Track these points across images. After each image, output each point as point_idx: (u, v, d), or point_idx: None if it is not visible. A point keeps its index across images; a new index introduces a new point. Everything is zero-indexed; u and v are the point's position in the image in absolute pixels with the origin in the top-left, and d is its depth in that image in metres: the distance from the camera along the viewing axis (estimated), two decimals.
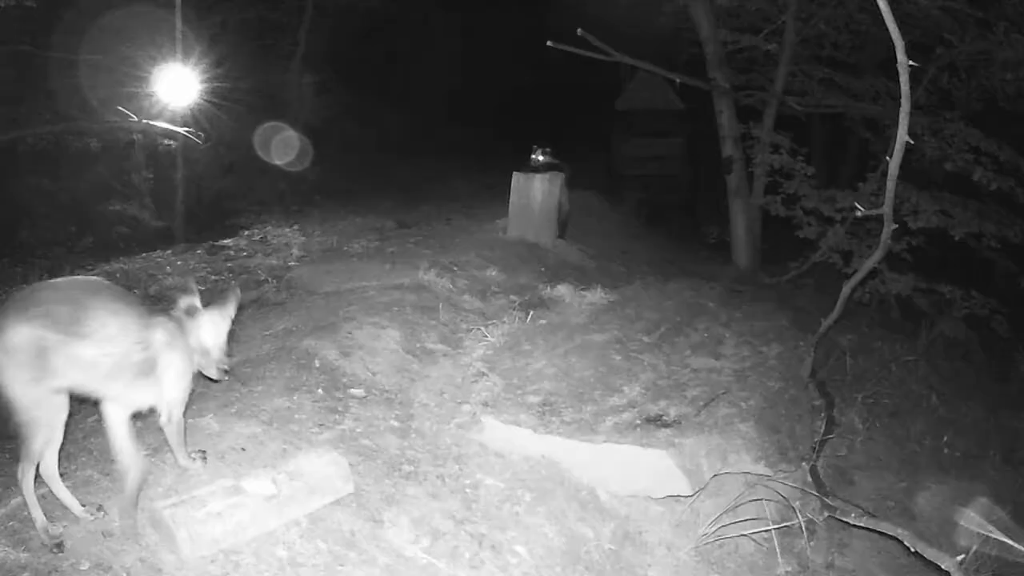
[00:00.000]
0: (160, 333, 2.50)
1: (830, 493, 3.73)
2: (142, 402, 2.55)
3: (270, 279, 5.63)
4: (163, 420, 2.62)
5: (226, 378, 2.88)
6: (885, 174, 4.36)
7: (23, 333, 2.22)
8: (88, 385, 2.39)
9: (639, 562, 3.17)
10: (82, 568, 2.29)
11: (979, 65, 8.01)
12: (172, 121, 8.08)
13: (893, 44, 3.74)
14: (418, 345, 4.29)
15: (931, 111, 7.75)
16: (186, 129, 8.06)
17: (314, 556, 2.54)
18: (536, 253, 6.75)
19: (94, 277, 2.66)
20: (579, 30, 6.76)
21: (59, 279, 2.51)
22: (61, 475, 2.72)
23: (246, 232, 8.07)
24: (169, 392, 2.56)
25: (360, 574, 2.54)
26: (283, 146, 10.71)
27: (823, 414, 4.49)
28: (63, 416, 2.39)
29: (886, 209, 4.46)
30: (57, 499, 2.52)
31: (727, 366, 4.09)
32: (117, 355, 2.36)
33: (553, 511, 3.17)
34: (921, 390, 5.88)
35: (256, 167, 10.49)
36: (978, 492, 4.47)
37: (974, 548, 3.62)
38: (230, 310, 2.76)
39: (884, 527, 3.38)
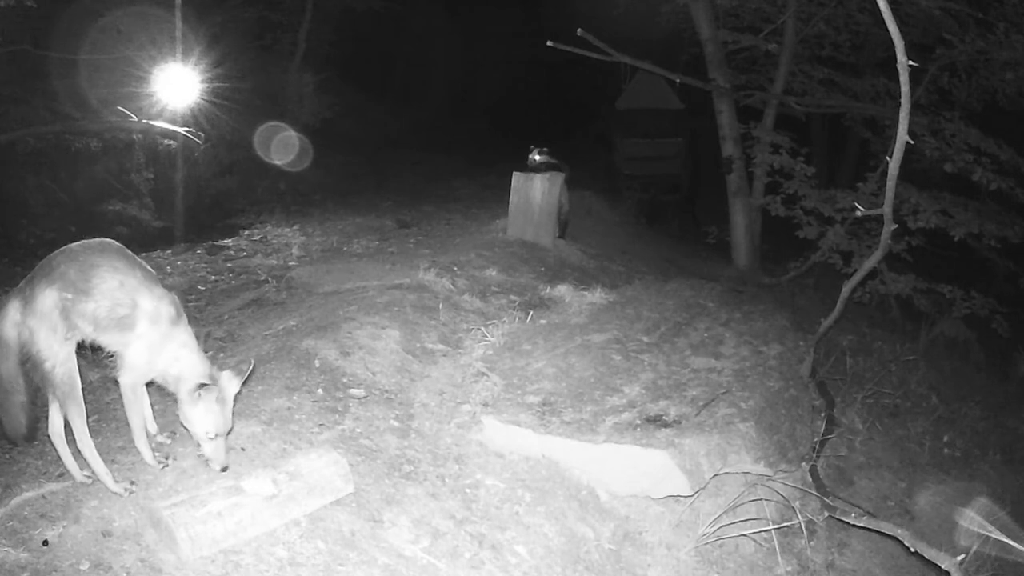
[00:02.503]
0: (148, 302, 2.66)
1: (830, 493, 3.73)
2: (119, 354, 2.71)
3: (270, 279, 5.64)
4: (117, 370, 2.72)
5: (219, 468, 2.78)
6: (885, 174, 4.36)
7: (51, 297, 2.53)
8: (90, 335, 2.63)
9: (639, 562, 3.18)
10: (82, 568, 2.29)
11: (979, 65, 8.01)
12: (172, 121, 8.09)
13: (893, 44, 3.75)
14: (418, 345, 4.29)
15: (931, 111, 7.75)
16: (186, 129, 8.06)
17: (314, 556, 2.54)
18: (536, 253, 6.75)
19: (107, 239, 2.78)
20: (579, 30, 6.75)
21: (74, 244, 2.70)
22: (60, 474, 2.74)
23: (246, 232, 8.07)
24: (132, 356, 2.68)
25: (360, 574, 2.54)
26: (283, 146, 10.71)
27: (823, 414, 4.49)
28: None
29: (886, 209, 4.46)
30: (59, 457, 2.70)
31: (727, 366, 4.08)
32: (107, 306, 2.60)
33: (553, 511, 3.17)
34: (921, 390, 5.89)
35: (256, 167, 10.49)
36: (978, 492, 4.47)
37: (974, 548, 3.63)
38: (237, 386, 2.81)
39: (884, 527, 3.38)
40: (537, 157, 7.54)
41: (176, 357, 2.68)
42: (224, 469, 2.70)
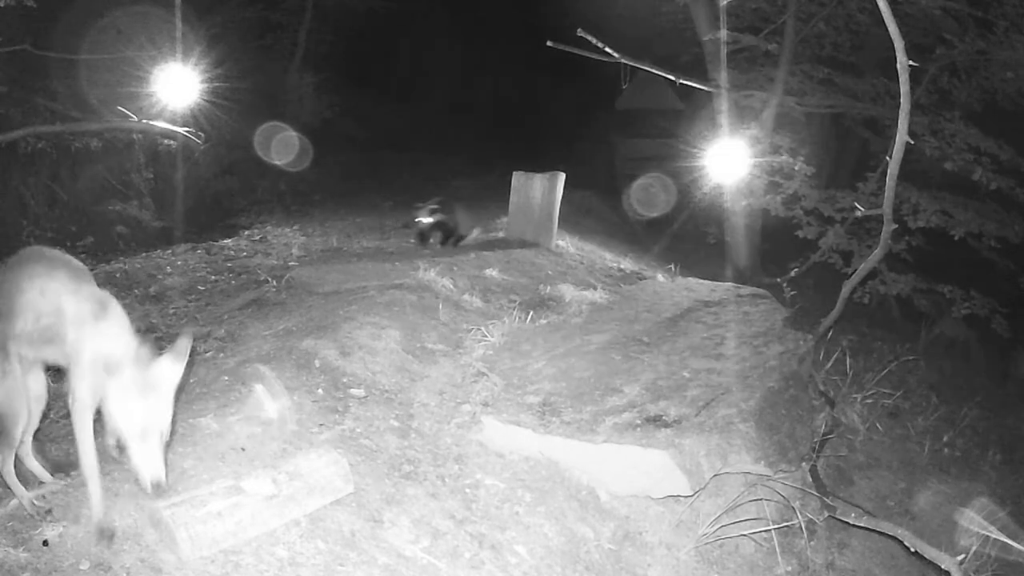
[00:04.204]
0: (72, 305, 2.39)
1: (830, 493, 3.73)
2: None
3: (270, 279, 5.63)
4: (69, 398, 2.44)
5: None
6: (885, 174, 4.36)
7: None
8: (31, 355, 2.49)
9: (639, 562, 3.18)
10: (82, 568, 2.29)
11: (979, 65, 8.00)
12: (172, 121, 8.08)
13: (893, 44, 3.75)
14: (418, 345, 4.29)
15: (931, 111, 7.75)
16: (186, 129, 8.05)
17: (314, 556, 2.54)
18: (536, 253, 6.76)
19: (33, 247, 2.65)
20: (579, 30, 6.75)
21: (10, 258, 2.57)
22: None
23: (246, 232, 8.07)
24: (72, 377, 2.41)
25: (360, 574, 2.54)
26: (283, 146, 10.71)
27: (823, 414, 4.49)
28: (41, 400, 2.59)
29: (886, 209, 4.47)
30: (28, 470, 2.67)
31: (727, 366, 4.08)
32: (32, 319, 2.42)
33: (553, 511, 3.17)
34: (921, 390, 5.89)
35: (256, 167, 10.50)
36: (978, 492, 4.48)
37: (974, 548, 3.63)
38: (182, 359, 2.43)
39: (884, 527, 3.39)
40: (427, 219, 6.62)
41: (109, 351, 2.34)
42: (156, 487, 2.28)
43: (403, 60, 18.32)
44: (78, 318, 2.38)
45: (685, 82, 7.95)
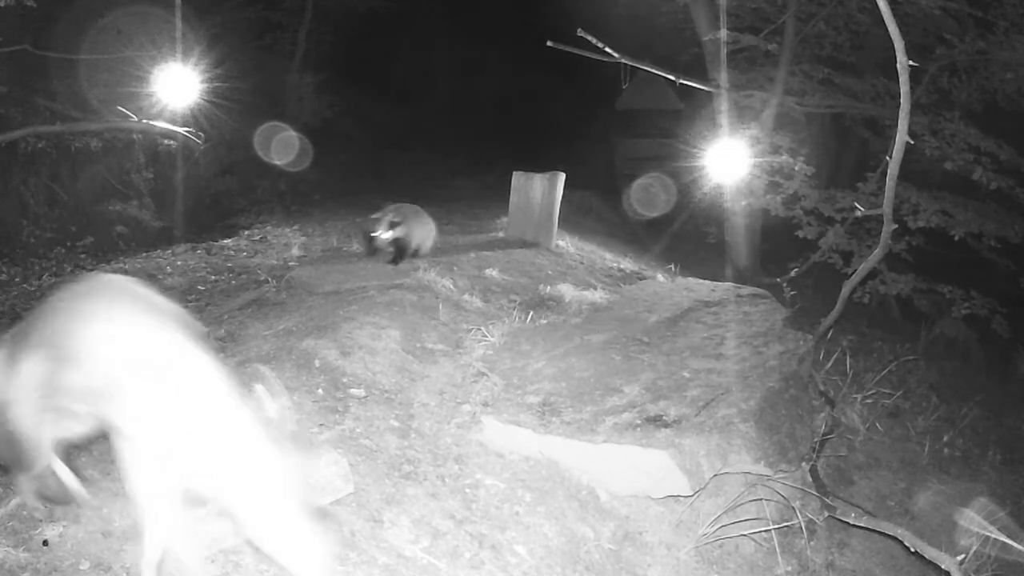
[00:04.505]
0: (137, 349, 1.98)
1: (830, 493, 3.73)
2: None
3: (270, 279, 5.63)
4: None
5: None
6: (885, 174, 4.37)
7: (28, 368, 2.10)
8: (82, 409, 2.15)
9: (639, 562, 3.18)
10: (82, 568, 2.29)
11: (979, 65, 8.01)
12: (172, 121, 8.08)
13: (893, 44, 3.75)
14: (418, 345, 4.29)
15: (931, 111, 7.76)
16: (186, 129, 8.05)
17: None
18: (536, 253, 6.76)
19: (110, 275, 2.46)
20: (579, 30, 6.75)
21: (72, 287, 2.26)
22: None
23: (246, 232, 8.06)
24: (121, 448, 2.02)
25: (360, 574, 2.54)
26: (283, 146, 10.71)
27: (823, 414, 4.49)
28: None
29: (886, 209, 4.47)
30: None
31: (727, 366, 4.08)
32: (85, 369, 2.03)
33: (553, 511, 3.17)
34: (921, 390, 5.89)
35: (256, 167, 10.49)
36: (978, 492, 4.48)
37: (974, 548, 3.63)
38: None
39: (884, 527, 3.39)
40: (386, 234, 5.68)
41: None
42: None
43: (403, 60, 18.30)
44: (140, 367, 1.93)
45: (685, 82, 7.95)
